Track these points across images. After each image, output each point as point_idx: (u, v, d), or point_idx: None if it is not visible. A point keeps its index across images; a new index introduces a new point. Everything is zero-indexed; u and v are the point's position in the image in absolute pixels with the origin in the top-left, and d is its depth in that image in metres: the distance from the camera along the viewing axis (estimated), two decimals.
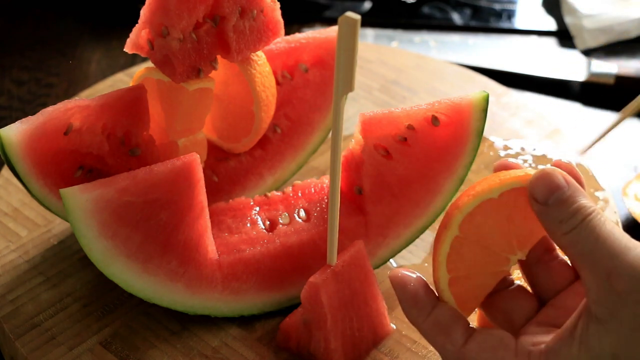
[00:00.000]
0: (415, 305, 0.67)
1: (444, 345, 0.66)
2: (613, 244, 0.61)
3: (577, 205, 0.63)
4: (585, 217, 0.63)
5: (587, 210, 0.63)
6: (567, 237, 0.63)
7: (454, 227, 0.67)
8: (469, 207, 0.67)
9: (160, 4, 0.76)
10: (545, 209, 0.64)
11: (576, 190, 0.64)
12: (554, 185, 0.64)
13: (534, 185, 0.65)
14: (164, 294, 0.77)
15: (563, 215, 0.63)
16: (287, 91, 0.90)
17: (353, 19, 0.61)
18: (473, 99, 0.79)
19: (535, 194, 0.64)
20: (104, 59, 1.25)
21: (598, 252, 0.61)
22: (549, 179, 0.64)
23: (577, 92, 1.22)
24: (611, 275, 0.61)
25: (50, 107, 0.76)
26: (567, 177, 0.65)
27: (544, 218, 0.64)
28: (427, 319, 0.67)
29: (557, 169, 0.66)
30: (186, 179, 0.75)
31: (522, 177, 0.66)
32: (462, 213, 0.67)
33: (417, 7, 1.38)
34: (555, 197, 0.64)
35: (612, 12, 1.30)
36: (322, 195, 0.84)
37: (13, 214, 0.89)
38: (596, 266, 0.61)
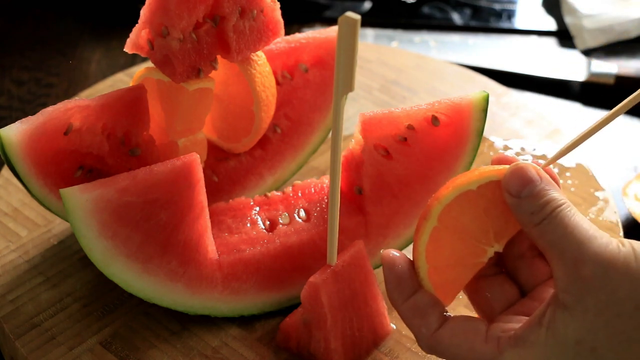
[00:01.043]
0: (398, 287, 0.70)
1: (420, 329, 0.69)
2: (580, 234, 0.64)
3: (548, 197, 0.66)
4: (555, 209, 0.65)
5: (557, 202, 0.66)
6: (538, 228, 0.65)
7: (433, 217, 0.69)
8: (447, 198, 0.68)
9: (160, 4, 0.76)
10: (517, 202, 0.67)
11: (548, 184, 0.67)
12: (526, 179, 0.67)
13: (507, 179, 0.67)
14: (164, 294, 0.77)
15: (534, 207, 0.66)
16: (287, 91, 0.90)
17: (353, 19, 0.61)
18: (473, 99, 0.79)
19: (509, 187, 0.67)
20: (104, 59, 1.25)
21: (566, 241, 0.64)
22: (522, 172, 0.67)
23: (577, 92, 1.22)
24: (577, 262, 0.63)
25: (50, 107, 0.76)
26: (540, 171, 0.67)
27: (517, 210, 0.67)
28: (407, 301, 0.69)
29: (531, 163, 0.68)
30: (186, 179, 0.75)
31: (500, 171, 0.68)
32: (441, 204, 0.68)
33: (417, 7, 1.38)
34: (528, 190, 0.66)
35: (612, 12, 1.30)
36: (322, 195, 0.84)
37: (13, 214, 0.89)
38: (564, 255, 0.64)
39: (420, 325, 0.69)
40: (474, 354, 0.67)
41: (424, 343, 0.69)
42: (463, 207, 0.68)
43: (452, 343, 0.68)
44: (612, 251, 0.63)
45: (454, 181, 0.69)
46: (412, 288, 0.70)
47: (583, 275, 0.63)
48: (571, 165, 0.98)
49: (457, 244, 0.69)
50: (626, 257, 0.63)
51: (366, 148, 0.81)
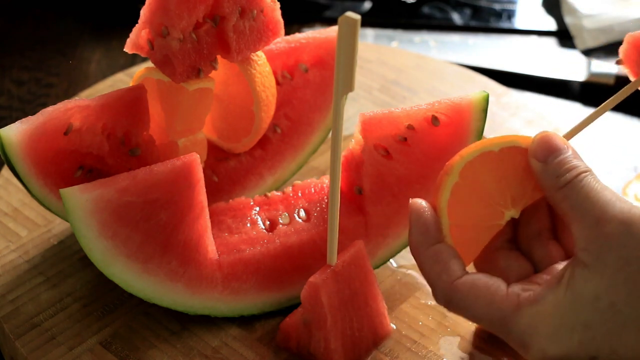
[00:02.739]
0: (423, 234, 0.71)
1: (440, 275, 0.70)
2: (604, 196, 0.66)
3: (574, 163, 0.69)
4: (580, 174, 0.68)
5: (582, 168, 0.68)
6: (562, 191, 0.67)
7: (455, 173, 0.70)
8: (470, 155, 0.70)
9: (160, 4, 0.76)
10: (544, 166, 0.69)
11: (575, 154, 0.70)
12: (555, 147, 0.70)
13: (535, 145, 0.70)
14: (164, 294, 0.77)
15: (560, 171, 0.68)
16: (287, 91, 0.90)
17: (353, 19, 0.61)
18: (473, 99, 0.79)
19: (536, 153, 0.70)
20: (104, 59, 1.25)
21: (589, 203, 0.66)
22: (552, 140, 0.70)
23: (577, 92, 1.22)
24: (599, 220, 0.65)
25: (50, 107, 0.76)
26: (567, 142, 0.70)
27: (542, 174, 0.69)
28: (430, 247, 0.70)
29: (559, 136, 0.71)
30: (186, 179, 0.75)
31: (524, 138, 0.71)
32: (463, 160, 0.70)
33: (417, 7, 1.38)
34: (555, 156, 0.69)
35: (612, 12, 1.29)
36: (322, 195, 0.84)
37: (13, 214, 0.89)
38: (587, 215, 0.66)
39: (440, 271, 0.69)
40: (491, 307, 0.68)
41: (440, 291, 0.70)
42: (484, 166, 0.70)
43: (471, 293, 0.68)
44: (633, 212, 0.65)
45: (479, 142, 0.71)
46: (436, 237, 0.70)
47: (605, 232, 0.65)
48: None
49: (476, 202, 0.71)
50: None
51: (366, 148, 0.81)
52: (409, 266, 0.86)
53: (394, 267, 0.86)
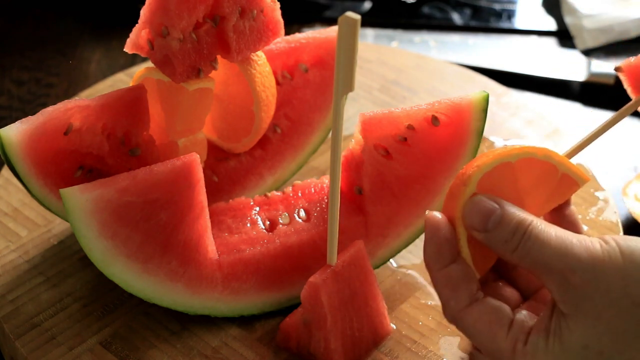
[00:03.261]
0: (437, 253, 0.69)
1: (448, 300, 0.69)
2: (559, 245, 0.64)
3: (514, 221, 0.66)
4: (526, 230, 0.65)
5: (525, 223, 0.66)
6: (516, 253, 0.66)
7: (472, 183, 0.69)
8: (488, 166, 0.69)
9: (160, 4, 0.76)
10: (487, 235, 0.67)
11: (508, 207, 0.67)
12: (486, 210, 0.67)
13: (468, 217, 0.67)
14: (164, 294, 0.77)
15: (505, 235, 0.66)
16: (287, 91, 0.90)
17: (353, 19, 0.61)
18: (473, 99, 0.79)
19: (474, 224, 0.67)
20: (104, 59, 1.25)
21: (548, 257, 0.64)
22: (480, 205, 0.67)
23: (577, 92, 1.22)
24: (564, 273, 0.63)
25: (50, 107, 0.76)
26: (497, 198, 0.67)
27: (490, 243, 0.67)
28: (443, 269, 0.69)
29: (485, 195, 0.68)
30: (186, 179, 0.75)
31: (540, 150, 0.69)
32: (481, 171, 0.69)
33: (417, 7, 1.38)
34: (492, 221, 0.66)
35: (612, 12, 1.30)
36: (322, 195, 0.84)
37: (13, 214, 0.89)
38: (550, 270, 0.64)
39: (450, 297, 0.68)
40: (493, 345, 0.67)
41: (449, 314, 0.69)
42: (501, 177, 0.69)
43: (476, 327, 0.68)
44: (595, 253, 0.63)
45: (495, 151, 0.70)
46: (450, 257, 0.69)
47: (574, 284, 0.63)
48: None
49: None
50: (611, 255, 0.63)
51: (366, 148, 0.81)
52: (409, 266, 0.86)
53: (394, 267, 0.86)
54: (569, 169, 0.70)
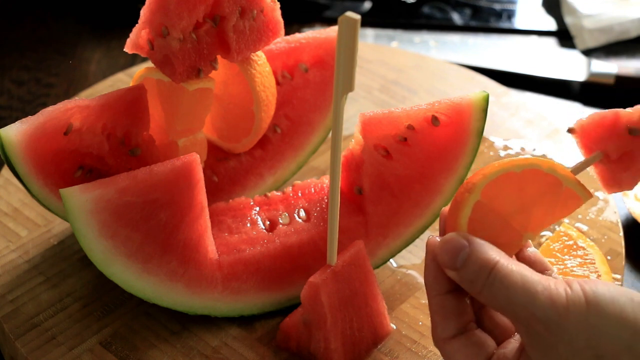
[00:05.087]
0: (435, 279, 0.69)
1: (436, 327, 0.69)
2: (524, 292, 0.63)
3: (480, 261, 0.65)
4: (490, 272, 0.64)
5: (489, 264, 0.64)
6: (483, 294, 0.65)
7: (477, 191, 0.69)
8: (493, 175, 0.69)
9: (160, 4, 0.76)
10: (458, 274, 0.66)
11: (478, 246, 0.66)
12: (454, 249, 0.66)
13: (440, 255, 0.67)
14: (164, 294, 0.77)
15: (470, 275, 0.65)
16: (287, 91, 0.90)
17: (353, 19, 0.61)
18: (473, 99, 0.79)
19: (445, 263, 0.66)
20: (104, 59, 1.25)
21: (513, 303, 0.63)
22: (450, 243, 0.66)
23: (577, 92, 1.22)
24: (529, 321, 0.63)
25: (50, 107, 0.76)
26: (469, 236, 0.66)
27: (460, 282, 0.66)
28: (436, 297, 0.68)
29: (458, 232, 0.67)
30: (186, 179, 0.75)
31: (545, 162, 0.69)
32: (486, 179, 0.69)
33: (417, 7, 1.38)
34: (460, 259, 0.65)
35: (612, 12, 1.30)
36: (322, 195, 0.84)
37: (13, 214, 0.89)
38: (516, 316, 0.63)
39: (438, 324, 0.68)
40: None
41: (434, 340, 0.69)
42: (506, 186, 0.69)
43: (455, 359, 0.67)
44: (559, 301, 0.62)
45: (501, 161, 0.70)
46: (447, 285, 0.68)
47: (539, 332, 0.62)
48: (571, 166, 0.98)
49: (496, 222, 0.69)
50: (575, 304, 0.62)
51: (366, 148, 0.81)
52: (409, 266, 0.86)
53: (394, 267, 0.86)
54: (574, 183, 0.70)
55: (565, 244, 0.84)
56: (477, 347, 0.67)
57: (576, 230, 0.87)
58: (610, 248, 0.88)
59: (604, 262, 0.83)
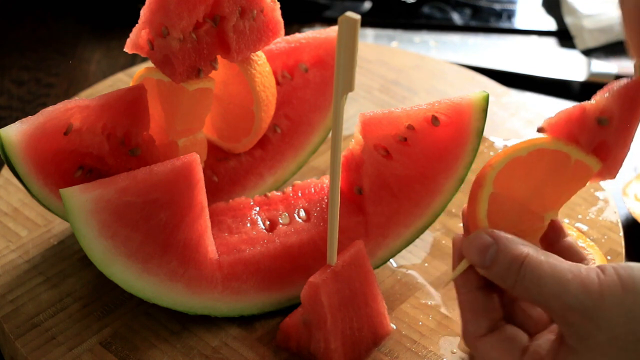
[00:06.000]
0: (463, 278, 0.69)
1: (467, 326, 0.68)
2: (555, 282, 0.62)
3: (509, 257, 0.65)
4: (520, 266, 0.64)
5: (519, 258, 0.64)
6: (515, 289, 0.64)
7: (488, 184, 0.69)
8: (500, 163, 0.69)
9: (160, 4, 0.76)
10: (488, 272, 0.66)
11: (505, 242, 0.65)
12: (482, 247, 0.66)
13: (468, 255, 0.67)
14: (164, 294, 0.77)
15: (501, 272, 0.65)
16: (287, 91, 0.90)
17: (353, 19, 0.61)
18: (473, 99, 0.79)
19: (474, 262, 0.67)
20: (104, 59, 1.25)
21: (545, 294, 0.63)
22: (476, 242, 0.66)
23: (577, 92, 1.22)
24: (564, 312, 0.62)
25: (50, 107, 0.76)
26: (494, 232, 0.66)
27: (492, 279, 0.66)
28: (466, 294, 0.68)
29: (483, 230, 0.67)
30: (186, 179, 0.75)
31: (549, 140, 0.69)
32: (494, 170, 0.69)
33: (417, 7, 1.38)
34: (488, 257, 0.65)
35: (612, 12, 1.30)
36: (322, 195, 0.84)
37: (13, 214, 0.89)
38: (550, 307, 0.63)
39: (469, 322, 0.68)
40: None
41: (466, 339, 0.69)
42: (515, 172, 0.69)
43: (490, 355, 0.67)
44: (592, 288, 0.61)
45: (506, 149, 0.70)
46: (477, 282, 0.68)
47: (575, 321, 0.62)
48: None
49: (514, 210, 0.69)
50: (610, 288, 0.61)
51: (366, 148, 0.81)
52: (409, 266, 0.86)
53: (394, 267, 0.86)
54: (582, 154, 0.69)
55: None
56: (510, 342, 0.67)
57: (576, 230, 0.87)
58: (610, 248, 0.88)
59: (604, 262, 0.83)
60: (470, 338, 0.68)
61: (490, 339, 0.67)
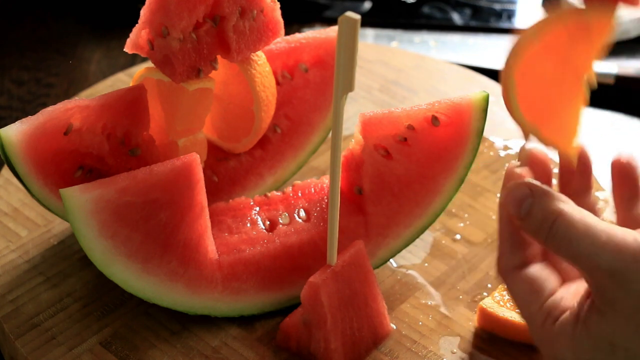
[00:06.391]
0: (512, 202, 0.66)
1: (502, 257, 0.68)
2: (588, 242, 0.62)
3: (543, 212, 0.64)
4: (554, 222, 0.63)
5: (552, 215, 0.63)
6: (548, 244, 0.64)
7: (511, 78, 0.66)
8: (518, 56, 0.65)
9: (160, 4, 0.76)
10: (522, 223, 0.65)
11: (542, 196, 0.64)
12: (519, 197, 0.65)
13: (506, 203, 0.66)
14: (164, 294, 0.77)
15: (534, 226, 0.64)
16: (287, 91, 0.90)
17: (353, 19, 0.61)
18: (473, 99, 0.79)
19: (511, 211, 0.66)
20: (104, 59, 1.25)
21: (576, 254, 0.62)
22: (515, 192, 0.65)
23: None
24: (594, 273, 0.62)
25: (50, 107, 0.76)
26: (533, 184, 0.65)
27: (526, 231, 0.65)
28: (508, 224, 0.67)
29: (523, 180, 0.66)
30: (186, 179, 0.75)
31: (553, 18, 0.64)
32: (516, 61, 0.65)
33: (417, 7, 1.38)
34: (524, 209, 0.64)
35: None
36: (322, 195, 0.84)
37: (13, 214, 0.89)
38: (581, 266, 0.62)
39: (504, 254, 0.67)
40: (526, 312, 0.66)
41: (499, 269, 0.68)
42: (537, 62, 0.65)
43: (516, 289, 0.67)
44: (627, 251, 0.61)
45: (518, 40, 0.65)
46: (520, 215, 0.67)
47: (605, 284, 0.61)
48: None
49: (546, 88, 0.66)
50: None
51: (366, 148, 0.81)
52: (409, 266, 0.86)
53: (394, 267, 0.86)
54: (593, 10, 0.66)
55: None
56: (539, 282, 0.66)
57: None
58: None
59: None
60: (502, 269, 0.67)
61: (520, 274, 0.67)
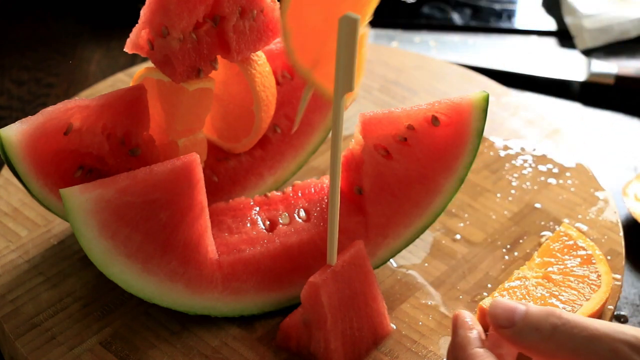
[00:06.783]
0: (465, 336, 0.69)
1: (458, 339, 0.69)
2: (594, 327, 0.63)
3: (545, 309, 0.65)
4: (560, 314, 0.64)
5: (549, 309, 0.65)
6: (554, 339, 0.64)
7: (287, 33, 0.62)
8: None
9: (160, 4, 0.76)
10: (516, 329, 0.66)
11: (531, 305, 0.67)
12: (510, 307, 0.67)
13: (495, 316, 0.67)
14: (164, 294, 0.77)
15: (537, 321, 0.65)
16: (287, 91, 0.90)
17: (353, 19, 0.61)
18: (473, 99, 0.79)
19: (499, 322, 0.67)
20: (104, 59, 1.26)
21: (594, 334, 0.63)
22: (504, 303, 0.67)
23: (577, 92, 1.22)
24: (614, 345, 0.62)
25: (50, 107, 0.76)
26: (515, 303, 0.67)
27: (520, 337, 0.66)
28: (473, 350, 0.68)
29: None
30: (186, 179, 0.75)
31: None
32: None
33: (417, 7, 1.38)
34: (519, 313, 0.66)
35: (612, 12, 1.30)
36: (322, 195, 0.84)
37: (13, 214, 0.89)
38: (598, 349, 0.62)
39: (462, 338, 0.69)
40: None
41: None
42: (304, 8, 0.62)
43: None
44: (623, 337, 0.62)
45: None
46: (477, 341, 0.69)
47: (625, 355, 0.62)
48: (571, 166, 0.98)
49: None
50: None
51: (366, 148, 0.81)
52: (409, 266, 0.86)
53: (394, 267, 0.86)
54: None
55: (565, 244, 0.84)
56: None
57: (576, 230, 0.87)
58: (610, 248, 0.88)
59: (604, 262, 0.83)
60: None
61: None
